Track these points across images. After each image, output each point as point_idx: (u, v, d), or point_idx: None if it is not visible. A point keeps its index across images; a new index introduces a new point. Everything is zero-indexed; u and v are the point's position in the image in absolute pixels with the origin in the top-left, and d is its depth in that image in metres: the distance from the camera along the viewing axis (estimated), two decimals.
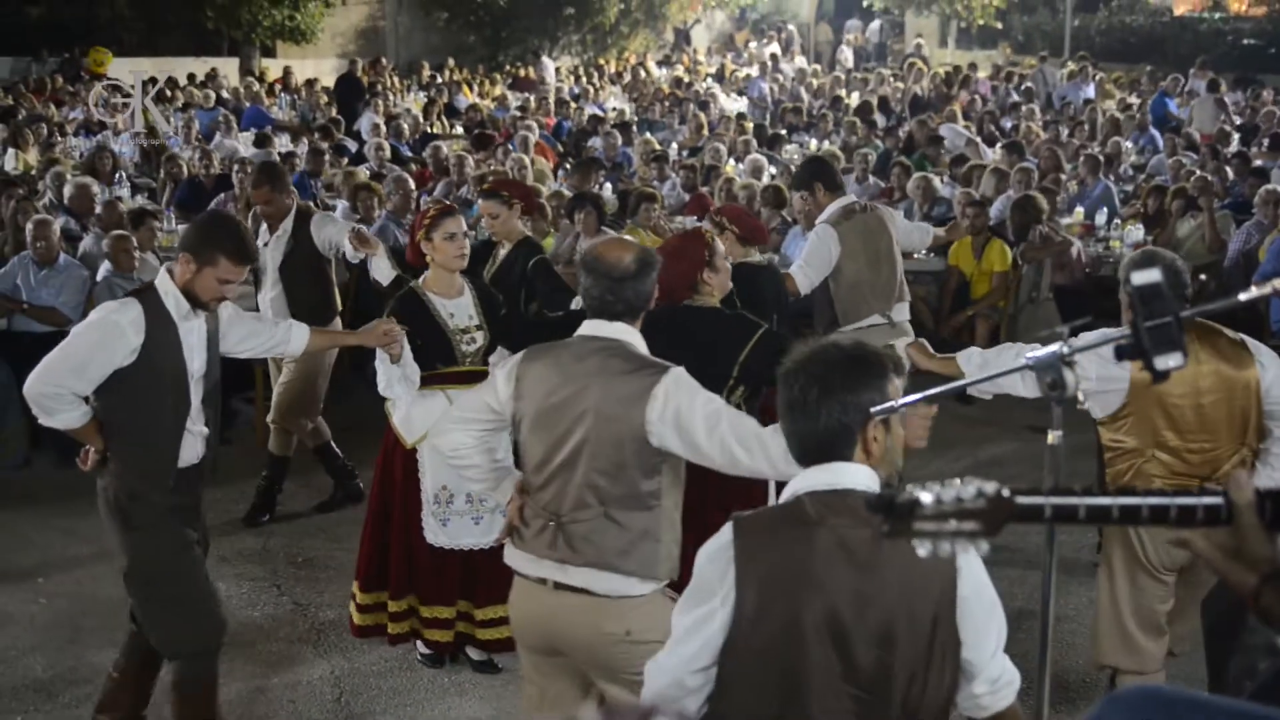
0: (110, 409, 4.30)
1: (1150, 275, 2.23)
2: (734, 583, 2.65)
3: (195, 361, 4.36)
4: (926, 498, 1.91)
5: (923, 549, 1.93)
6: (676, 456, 3.52)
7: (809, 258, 6.27)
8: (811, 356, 2.75)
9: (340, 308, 7.35)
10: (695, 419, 3.42)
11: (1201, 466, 4.41)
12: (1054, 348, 2.60)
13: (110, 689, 4.72)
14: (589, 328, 3.66)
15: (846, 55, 28.31)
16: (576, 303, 5.64)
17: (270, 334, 4.77)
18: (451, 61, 24.06)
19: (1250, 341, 4.48)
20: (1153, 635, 4.58)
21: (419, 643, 5.34)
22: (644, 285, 3.64)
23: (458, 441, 3.79)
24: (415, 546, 5.18)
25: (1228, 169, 11.85)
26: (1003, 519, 1.94)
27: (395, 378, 5.02)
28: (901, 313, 6.56)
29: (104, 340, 4.19)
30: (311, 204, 8.68)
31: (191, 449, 4.43)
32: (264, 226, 7.08)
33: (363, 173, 11.27)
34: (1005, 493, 1.94)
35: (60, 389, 4.19)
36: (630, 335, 3.64)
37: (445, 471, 5.01)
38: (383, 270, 6.29)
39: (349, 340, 4.98)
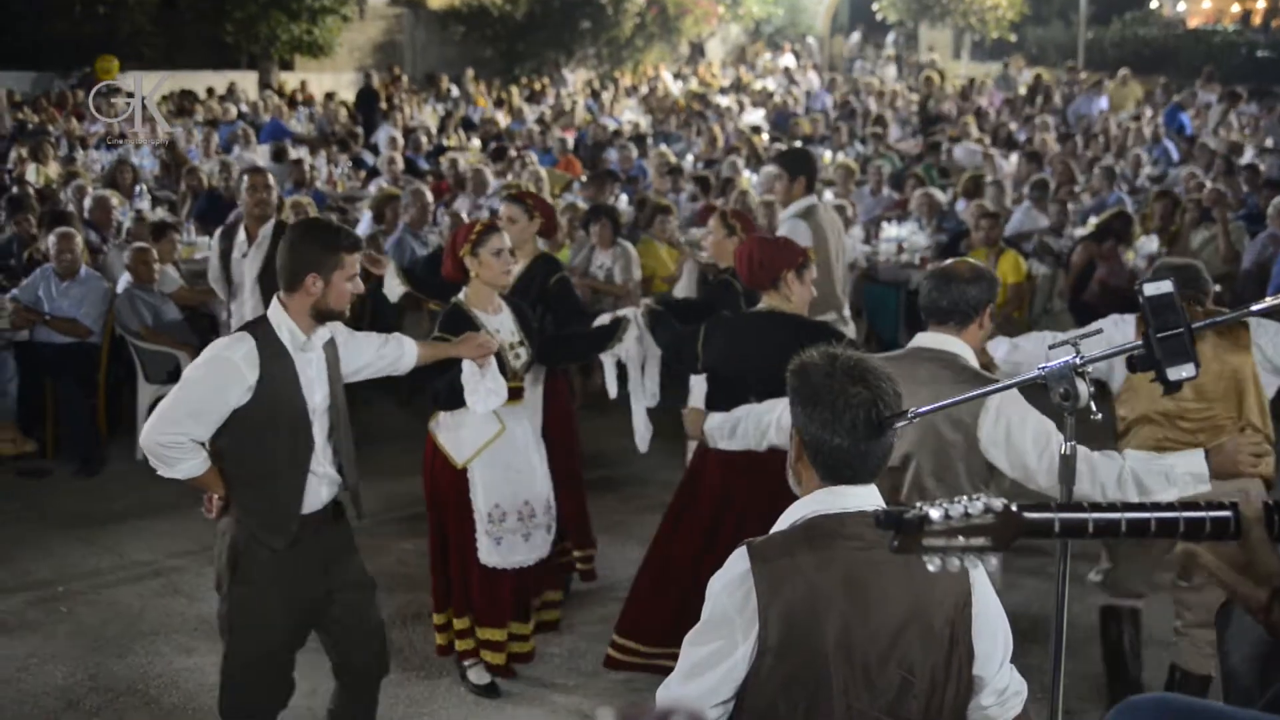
0: (228, 452, 4.06)
1: (1162, 287, 2.25)
2: (756, 613, 2.56)
3: (316, 395, 4.12)
4: (935, 514, 1.91)
5: (932, 564, 1.92)
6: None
7: None
8: (864, 373, 2.63)
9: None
10: (1025, 438, 3.51)
11: (1197, 433, 4.63)
12: (1066, 358, 2.62)
13: None
14: (922, 339, 3.78)
15: (890, 73, 27.63)
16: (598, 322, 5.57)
17: (383, 352, 4.53)
18: (471, 73, 24.17)
19: (1251, 321, 4.68)
20: None
21: (471, 672, 5.29)
22: (972, 290, 3.75)
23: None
24: (469, 568, 5.11)
25: (1241, 181, 11.85)
26: (1011, 534, 1.93)
27: (483, 392, 4.84)
28: (845, 311, 6.86)
29: (218, 379, 3.94)
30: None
31: (315, 494, 4.18)
32: (241, 237, 7.11)
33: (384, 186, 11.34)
34: (1014, 508, 1.95)
35: (179, 436, 3.93)
36: (961, 348, 3.73)
37: (497, 489, 4.99)
38: (393, 288, 6.14)
39: (449, 351, 4.74)
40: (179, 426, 3.93)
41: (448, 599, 5.23)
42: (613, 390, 5.64)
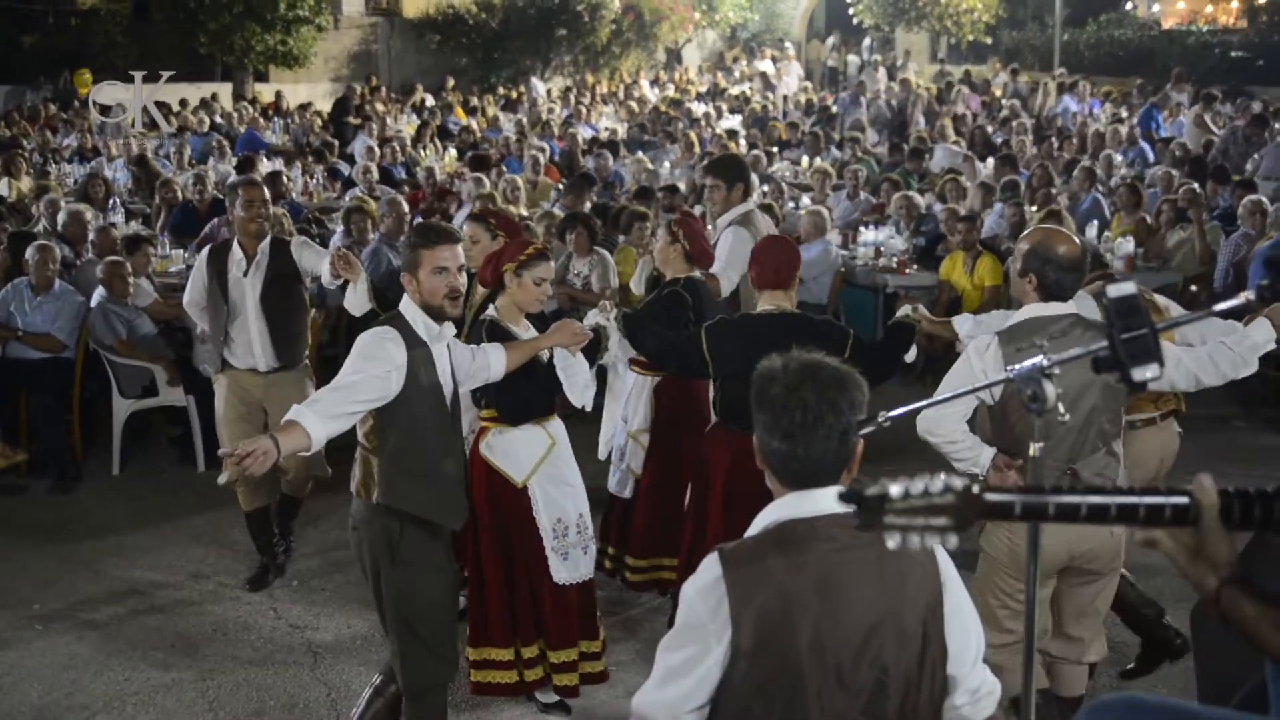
0: (385, 434, 4.22)
1: (1125, 289, 2.25)
2: (729, 618, 2.57)
3: (447, 387, 4.35)
4: (895, 490, 1.93)
5: (892, 541, 1.94)
6: None
7: (730, 259, 6.23)
8: (807, 376, 2.66)
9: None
10: (1168, 355, 4.06)
11: None
12: (1035, 360, 2.63)
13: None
14: (1052, 308, 4.28)
15: (881, 77, 27.23)
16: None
17: (475, 363, 4.66)
18: (450, 83, 24.10)
19: None
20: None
21: (538, 694, 5.18)
22: (1085, 272, 4.46)
23: (952, 429, 4.28)
24: (539, 589, 5.01)
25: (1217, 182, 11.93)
26: (972, 515, 1.95)
27: (581, 384, 4.89)
28: None
29: (374, 359, 4.11)
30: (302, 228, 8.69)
31: None
32: (238, 255, 6.37)
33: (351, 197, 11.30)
34: (974, 489, 1.97)
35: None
36: (1082, 306, 4.36)
37: (557, 504, 4.97)
38: (359, 301, 5.84)
39: (542, 344, 4.83)
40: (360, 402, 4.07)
41: (511, 631, 5.05)
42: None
